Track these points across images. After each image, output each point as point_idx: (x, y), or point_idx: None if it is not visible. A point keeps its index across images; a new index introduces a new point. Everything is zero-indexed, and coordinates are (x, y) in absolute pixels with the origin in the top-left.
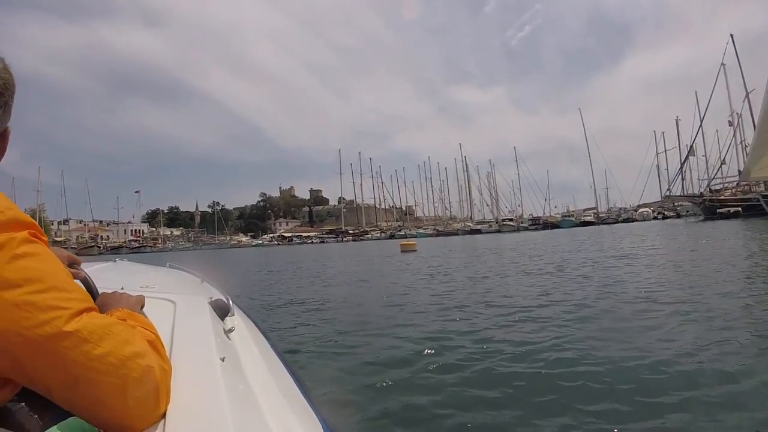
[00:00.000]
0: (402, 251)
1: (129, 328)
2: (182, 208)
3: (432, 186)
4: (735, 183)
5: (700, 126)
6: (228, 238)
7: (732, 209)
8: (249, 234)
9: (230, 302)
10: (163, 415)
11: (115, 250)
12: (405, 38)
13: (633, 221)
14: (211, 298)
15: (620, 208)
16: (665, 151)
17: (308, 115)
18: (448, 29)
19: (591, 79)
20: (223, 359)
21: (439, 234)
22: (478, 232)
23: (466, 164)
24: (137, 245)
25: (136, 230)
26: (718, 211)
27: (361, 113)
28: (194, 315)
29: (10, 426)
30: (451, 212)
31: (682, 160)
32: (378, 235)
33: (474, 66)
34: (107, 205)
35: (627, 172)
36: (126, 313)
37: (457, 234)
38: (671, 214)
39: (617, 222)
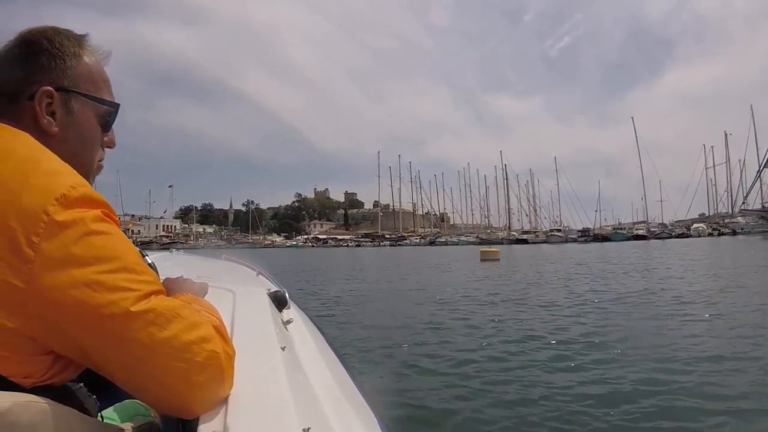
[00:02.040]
0: (483, 260)
1: (196, 313)
2: (216, 206)
3: (471, 193)
4: None
5: None
6: (261, 237)
7: None
8: (283, 234)
9: (287, 295)
10: (226, 400)
11: (146, 245)
12: (444, 45)
13: (687, 237)
14: (269, 289)
15: (676, 222)
16: (714, 166)
17: (344, 118)
18: (487, 37)
19: (629, 92)
20: (283, 348)
21: (482, 242)
22: (524, 242)
23: (506, 172)
24: (168, 241)
25: (167, 225)
26: None
27: (398, 118)
28: (254, 305)
29: (70, 405)
30: (489, 220)
31: (759, 170)
32: (417, 241)
33: (512, 75)
34: (139, 200)
35: (665, 186)
36: (191, 298)
37: (501, 243)
38: (727, 230)
39: (671, 237)
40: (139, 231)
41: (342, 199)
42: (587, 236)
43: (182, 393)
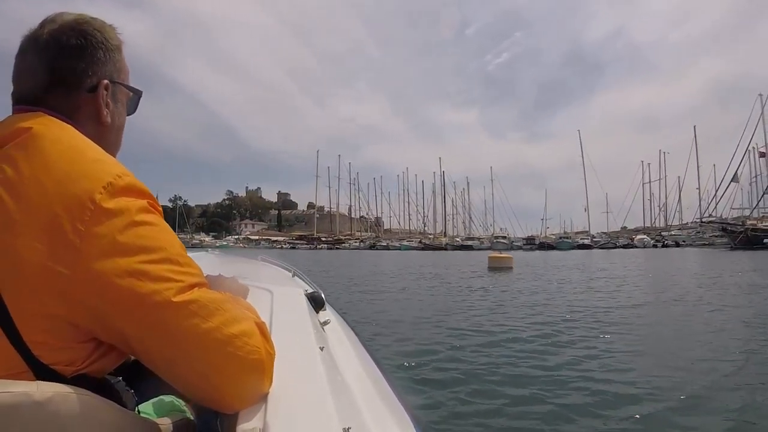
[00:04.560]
0: (491, 267)
1: (239, 307)
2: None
3: (409, 198)
4: None
5: (745, 152)
6: (189, 236)
7: None
8: (212, 234)
9: (323, 296)
10: (266, 398)
11: None
12: (387, 53)
13: (632, 247)
14: (306, 290)
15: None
16: (649, 182)
17: (282, 118)
18: (430, 48)
19: (560, 111)
20: (322, 349)
21: (426, 248)
22: (469, 248)
23: (444, 179)
24: None
25: None
26: (765, 241)
27: (336, 121)
28: (292, 305)
29: (109, 397)
30: (425, 226)
31: (726, 187)
32: (357, 244)
33: (451, 87)
34: None
35: (587, 199)
36: (232, 297)
37: (445, 249)
38: (671, 242)
39: (616, 247)
40: None
41: (275, 199)
42: (532, 244)
43: (222, 386)
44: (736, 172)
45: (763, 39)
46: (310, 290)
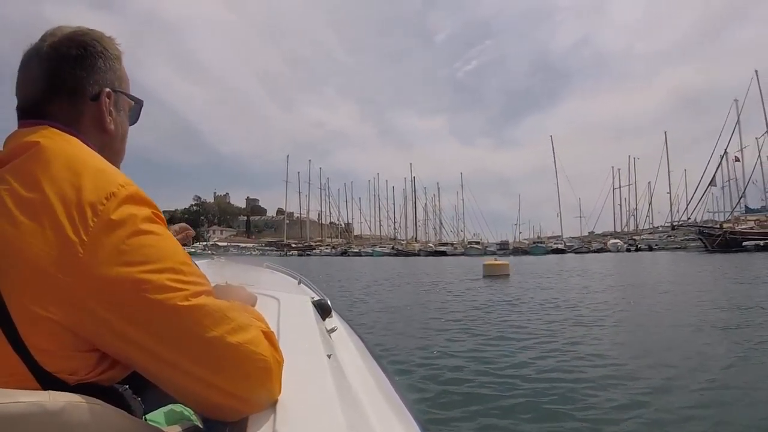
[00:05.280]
0: (487, 275)
1: (245, 315)
2: None
3: (380, 204)
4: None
5: (722, 156)
6: None
7: (762, 242)
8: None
9: (329, 303)
10: (274, 406)
11: None
12: (357, 58)
13: (606, 251)
14: (313, 298)
15: (574, 238)
16: (620, 187)
17: (251, 123)
18: (400, 55)
19: (527, 118)
20: (329, 356)
21: (398, 253)
22: (443, 254)
23: (415, 185)
24: None
25: None
26: (743, 243)
27: (304, 126)
28: (299, 313)
29: (116, 405)
30: (396, 232)
31: (704, 191)
32: (328, 251)
33: (420, 93)
34: None
35: (552, 207)
36: (240, 305)
37: (418, 255)
38: (644, 246)
39: (589, 252)
40: None
41: (243, 205)
42: (506, 249)
43: (228, 395)
44: (714, 176)
45: (727, 49)
46: (317, 297)
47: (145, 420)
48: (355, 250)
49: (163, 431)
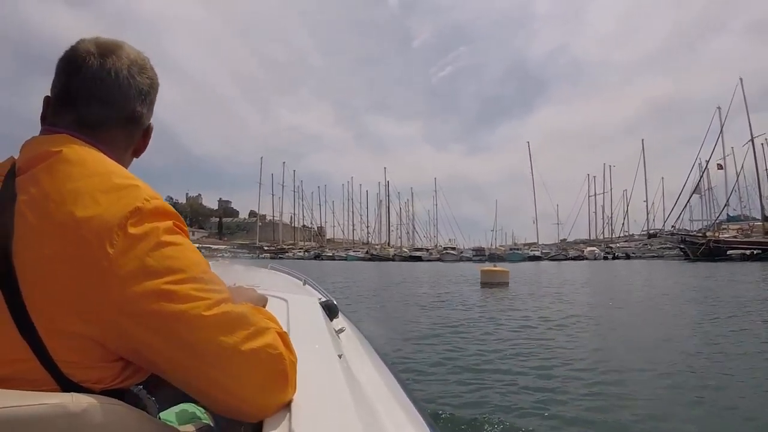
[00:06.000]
0: (484, 283)
1: (262, 320)
2: None
3: (353, 208)
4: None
5: (705, 164)
6: None
7: (748, 251)
8: None
9: (336, 304)
10: (289, 406)
11: None
12: (332, 62)
13: (583, 259)
14: (320, 298)
15: (563, 241)
16: (595, 194)
17: (224, 124)
18: (375, 59)
19: (501, 125)
20: (340, 356)
21: (372, 258)
22: (418, 259)
23: (389, 190)
24: None
25: None
26: (728, 252)
27: (278, 128)
28: (307, 314)
29: (133, 405)
30: (369, 236)
31: (688, 199)
32: (301, 254)
33: (394, 98)
34: None
35: (527, 214)
36: (255, 308)
37: (393, 260)
38: (621, 254)
39: (566, 259)
40: None
41: (215, 206)
42: (482, 256)
43: (248, 397)
44: (699, 183)
45: (702, 59)
46: (323, 299)
47: (159, 419)
48: (328, 254)
49: (177, 430)
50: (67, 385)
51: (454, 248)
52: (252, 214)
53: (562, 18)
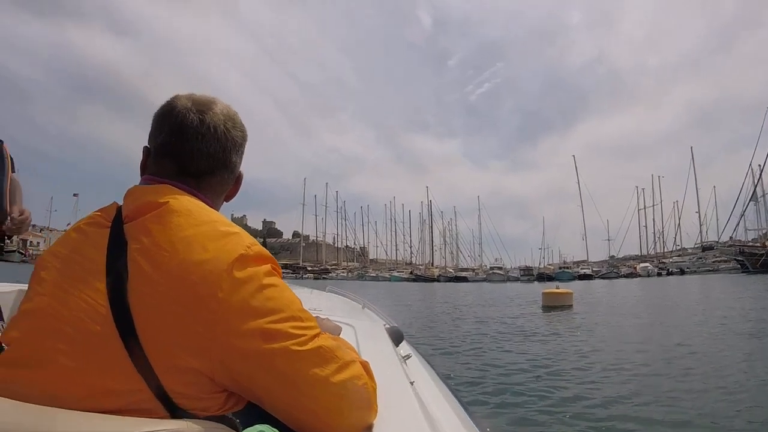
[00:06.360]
0: (546, 306)
1: (348, 353)
2: None
3: (396, 228)
4: None
5: (761, 169)
6: None
7: None
8: None
9: (401, 330)
10: (370, 428)
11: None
12: (370, 84)
13: (635, 276)
14: (385, 324)
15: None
16: (645, 208)
17: (268, 146)
18: (412, 79)
19: (543, 139)
20: (412, 383)
21: (417, 279)
22: (464, 279)
23: (431, 209)
24: None
25: None
26: None
27: (320, 151)
28: (375, 340)
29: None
30: (412, 256)
31: (744, 207)
32: (345, 275)
33: (433, 117)
34: (39, 206)
35: (572, 230)
36: (340, 341)
37: (437, 280)
38: (675, 270)
39: (618, 277)
40: (38, 243)
41: (260, 227)
42: (530, 275)
43: (336, 424)
44: (755, 190)
45: (737, 61)
46: (388, 325)
47: None
48: (372, 275)
49: None
50: (178, 415)
51: (500, 268)
52: (295, 234)
53: (594, 26)
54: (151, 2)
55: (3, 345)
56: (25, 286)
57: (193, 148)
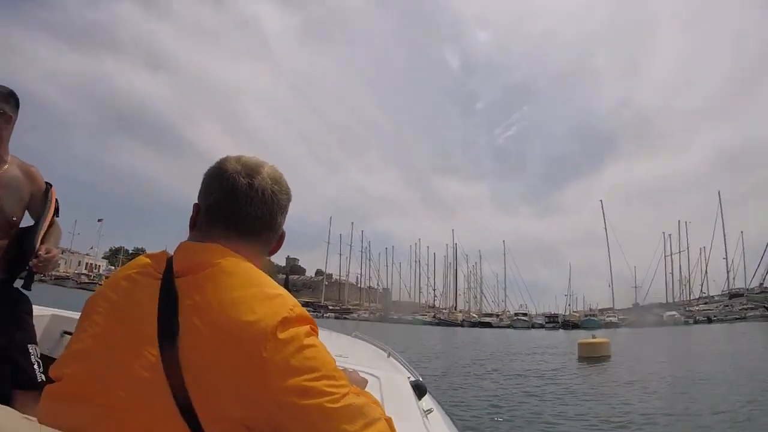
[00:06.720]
0: (583, 357)
1: (374, 409)
2: (150, 251)
3: (420, 270)
4: None
5: None
6: None
7: None
8: None
9: (425, 384)
10: None
11: (60, 281)
12: (399, 126)
13: (662, 325)
14: (409, 377)
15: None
16: (671, 254)
17: (294, 184)
18: (441, 122)
19: (570, 184)
20: None
21: (440, 323)
22: (488, 325)
23: (456, 252)
24: (88, 281)
25: (91, 264)
26: None
27: (346, 190)
28: (400, 393)
29: None
30: (435, 299)
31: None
32: (366, 315)
33: (460, 160)
34: (64, 230)
35: (598, 276)
36: (368, 397)
37: (461, 325)
38: (702, 318)
39: (645, 325)
40: (59, 265)
41: (283, 263)
42: (555, 323)
43: None
44: None
45: (761, 104)
46: (411, 377)
47: None
48: (394, 317)
49: None
50: None
51: (525, 314)
52: (318, 272)
53: (620, 69)
54: (183, 41)
55: (52, 378)
56: (58, 311)
57: (242, 211)
